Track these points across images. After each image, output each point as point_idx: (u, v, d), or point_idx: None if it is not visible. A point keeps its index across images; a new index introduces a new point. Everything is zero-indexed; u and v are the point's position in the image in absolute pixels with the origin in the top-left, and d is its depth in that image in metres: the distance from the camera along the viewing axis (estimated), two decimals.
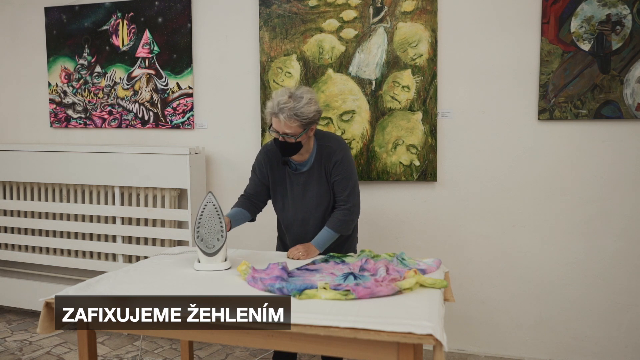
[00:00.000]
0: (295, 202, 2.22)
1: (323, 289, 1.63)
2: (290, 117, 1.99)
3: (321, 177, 2.18)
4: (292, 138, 2.04)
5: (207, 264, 1.96)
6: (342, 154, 2.17)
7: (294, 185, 2.21)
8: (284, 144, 2.07)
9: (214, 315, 1.51)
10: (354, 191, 2.19)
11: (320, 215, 2.21)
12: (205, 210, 1.95)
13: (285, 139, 2.05)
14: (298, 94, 2.02)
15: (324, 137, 2.21)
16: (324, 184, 2.18)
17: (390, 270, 1.82)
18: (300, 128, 2.03)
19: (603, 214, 2.67)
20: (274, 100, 2.02)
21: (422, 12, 2.77)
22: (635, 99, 2.55)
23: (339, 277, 1.77)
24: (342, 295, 1.60)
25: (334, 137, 2.25)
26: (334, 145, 2.18)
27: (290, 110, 1.98)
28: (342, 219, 2.17)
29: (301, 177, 2.20)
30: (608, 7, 2.55)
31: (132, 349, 3.00)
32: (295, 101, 1.99)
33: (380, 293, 1.61)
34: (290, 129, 2.01)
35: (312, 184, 2.19)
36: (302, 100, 2.00)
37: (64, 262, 3.36)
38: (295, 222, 2.25)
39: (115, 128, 3.44)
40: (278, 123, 2.02)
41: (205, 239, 1.95)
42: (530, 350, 2.82)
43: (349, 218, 2.19)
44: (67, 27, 3.46)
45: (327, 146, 2.17)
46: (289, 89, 2.05)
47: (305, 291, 1.63)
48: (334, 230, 2.17)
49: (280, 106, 1.99)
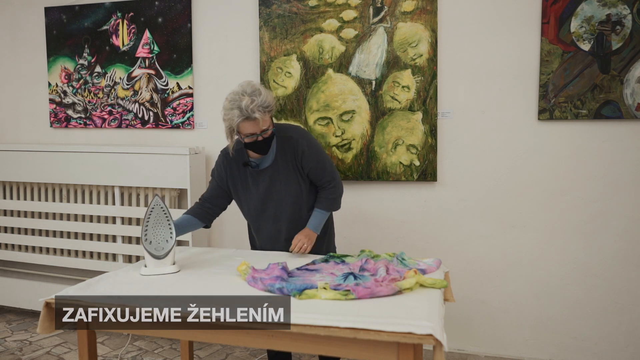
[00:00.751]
0: (262, 200, 2.19)
1: (323, 289, 1.63)
2: (264, 112, 2.00)
3: (288, 170, 2.17)
4: (268, 131, 2.06)
5: (155, 268, 1.92)
6: (305, 141, 2.17)
7: (259, 183, 2.18)
8: (263, 142, 2.07)
9: (214, 315, 1.51)
10: (332, 169, 2.24)
11: (290, 209, 2.19)
12: (153, 213, 1.93)
13: (263, 135, 2.05)
14: (251, 90, 2.00)
15: (281, 128, 2.20)
16: (292, 176, 2.17)
17: (390, 270, 1.82)
18: (270, 118, 2.07)
19: (603, 214, 2.67)
20: (237, 107, 1.98)
21: (422, 12, 2.77)
22: (635, 99, 2.55)
23: (339, 277, 1.77)
24: (342, 295, 1.60)
25: (291, 127, 2.26)
26: (294, 135, 2.17)
27: (260, 106, 1.98)
28: (330, 197, 2.21)
29: (265, 173, 2.17)
30: (608, 7, 2.55)
31: (132, 349, 3.00)
32: (257, 96, 1.99)
33: (380, 293, 1.61)
34: (266, 123, 2.03)
35: (278, 178, 2.17)
36: (261, 93, 2.00)
37: (64, 262, 3.36)
38: (266, 222, 2.22)
39: (115, 128, 3.44)
40: (254, 125, 2.00)
41: (153, 242, 1.93)
42: (530, 350, 2.82)
43: (336, 194, 2.23)
44: (67, 27, 3.46)
45: (288, 137, 2.16)
46: (239, 91, 2.02)
47: (305, 291, 1.63)
48: (325, 210, 2.21)
49: (250, 107, 1.97)
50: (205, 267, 2.01)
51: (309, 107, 2.97)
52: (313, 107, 2.96)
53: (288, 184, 2.17)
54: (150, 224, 1.93)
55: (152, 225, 1.93)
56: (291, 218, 2.20)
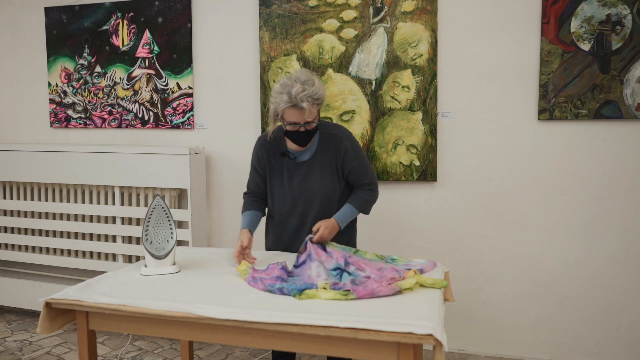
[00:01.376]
0: (293, 194, 2.13)
1: (323, 289, 1.63)
2: (312, 104, 1.93)
3: (325, 166, 2.10)
4: (312, 124, 1.99)
5: (155, 268, 1.92)
6: (349, 141, 2.12)
7: (294, 176, 2.12)
8: (304, 134, 2.00)
9: (214, 315, 1.51)
10: (373, 174, 2.19)
11: (319, 208, 2.13)
12: (154, 213, 1.93)
13: (306, 127, 1.98)
14: (305, 79, 1.95)
15: (325, 125, 2.15)
16: (328, 173, 2.11)
17: (389, 270, 1.82)
18: (317, 111, 2.01)
19: (603, 214, 2.67)
20: (287, 93, 1.92)
21: (422, 12, 2.77)
22: (636, 99, 2.55)
23: (334, 274, 1.78)
24: (342, 295, 1.60)
25: (335, 125, 2.20)
26: (339, 133, 2.12)
27: (310, 96, 1.91)
28: (366, 199, 2.15)
29: (303, 166, 2.11)
30: (608, 7, 2.55)
31: (132, 349, 3.00)
32: (309, 86, 1.92)
33: (381, 293, 1.61)
34: (312, 115, 1.96)
35: (314, 173, 2.10)
36: (315, 83, 1.95)
37: (64, 262, 3.36)
38: (292, 217, 2.17)
39: (115, 128, 3.44)
40: (299, 114, 1.94)
41: (154, 242, 1.93)
42: (530, 350, 2.82)
43: (372, 198, 2.17)
44: (67, 27, 3.46)
45: (332, 134, 2.11)
46: (293, 77, 1.97)
47: (305, 291, 1.63)
48: (357, 209, 2.13)
49: (299, 95, 1.90)
50: (205, 267, 2.01)
51: None
52: None
53: (322, 182, 2.11)
54: (151, 224, 1.93)
55: (153, 225, 1.93)
56: (318, 217, 2.12)
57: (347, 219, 2.11)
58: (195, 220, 3.07)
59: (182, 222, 3.14)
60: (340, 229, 2.09)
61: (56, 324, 1.73)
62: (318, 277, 1.79)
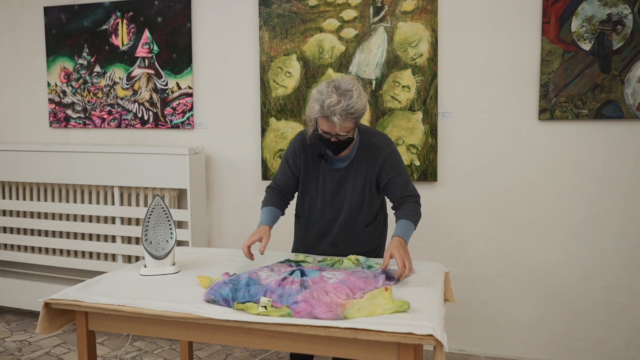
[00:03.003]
0: (325, 199, 2.06)
1: (263, 307, 1.48)
2: (345, 118, 1.80)
3: (360, 175, 2.01)
4: (345, 136, 1.88)
5: (155, 268, 1.91)
6: (389, 149, 2.01)
7: (328, 181, 2.04)
8: (336, 144, 1.90)
9: (214, 315, 1.50)
10: (413, 186, 2.04)
11: (345, 217, 2.05)
12: (154, 213, 1.92)
13: (339, 138, 1.88)
14: (344, 88, 1.81)
15: (367, 132, 2.04)
16: (362, 181, 2.01)
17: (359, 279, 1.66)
18: (354, 124, 1.88)
19: (603, 214, 2.67)
20: (321, 101, 1.81)
21: (423, 11, 2.76)
22: (636, 99, 2.55)
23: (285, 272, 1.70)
24: (277, 312, 1.47)
25: (378, 133, 2.08)
26: (379, 142, 2.01)
27: (344, 110, 1.79)
28: (417, 212, 1.97)
29: (338, 173, 2.02)
30: (609, 6, 2.54)
31: (132, 349, 3.00)
32: (345, 99, 1.79)
33: (320, 316, 1.45)
34: (345, 129, 1.84)
35: (348, 181, 2.02)
36: (352, 96, 1.80)
37: (63, 262, 3.35)
38: (319, 221, 2.10)
39: (115, 128, 3.44)
40: (331, 126, 1.83)
41: (153, 242, 1.92)
42: (530, 351, 2.82)
43: (420, 210, 2.00)
44: (67, 27, 3.46)
45: (372, 143, 2.00)
46: (332, 84, 1.84)
47: (246, 303, 1.52)
48: (414, 224, 1.93)
49: (331, 108, 1.78)
50: (205, 267, 2.00)
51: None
52: None
53: (354, 192, 2.03)
54: (151, 224, 1.92)
55: (153, 225, 1.92)
56: (344, 225, 2.06)
57: (408, 233, 1.91)
58: (195, 220, 3.07)
59: (182, 222, 3.14)
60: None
61: (55, 325, 1.72)
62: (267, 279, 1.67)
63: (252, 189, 3.17)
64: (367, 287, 1.63)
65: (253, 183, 3.17)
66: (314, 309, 1.46)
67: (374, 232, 2.14)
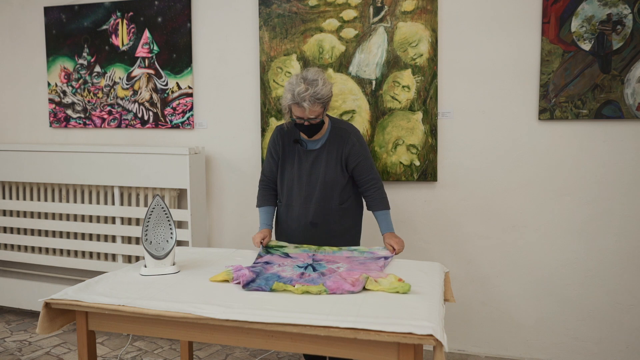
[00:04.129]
0: (301, 179, 2.30)
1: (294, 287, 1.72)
2: (314, 103, 2.10)
3: (332, 155, 2.27)
4: (317, 119, 2.17)
5: (155, 268, 1.92)
6: (357, 136, 2.31)
7: (303, 162, 2.30)
8: (310, 127, 2.20)
9: (214, 315, 1.51)
10: (377, 171, 2.37)
11: (322, 193, 2.28)
12: (154, 213, 1.93)
13: (311, 122, 2.17)
14: (311, 78, 2.13)
15: (338, 121, 2.36)
16: (334, 161, 2.27)
17: (358, 264, 1.95)
18: (322, 108, 2.16)
19: (603, 214, 2.67)
20: (292, 91, 2.11)
21: (423, 11, 2.76)
22: (636, 99, 2.55)
23: (297, 267, 1.91)
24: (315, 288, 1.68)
25: (347, 123, 2.39)
26: (348, 128, 2.31)
27: (312, 96, 2.09)
28: (384, 196, 2.34)
29: (312, 153, 2.30)
30: (609, 6, 2.54)
31: (132, 349, 3.00)
32: (312, 86, 2.10)
33: (349, 289, 1.68)
34: (315, 113, 2.13)
35: (321, 162, 2.28)
36: (318, 84, 2.11)
37: (63, 262, 3.35)
38: (297, 200, 2.32)
39: (115, 128, 3.44)
40: (302, 111, 2.12)
41: (153, 242, 1.93)
42: (531, 351, 2.82)
43: (385, 193, 2.35)
44: (67, 27, 3.46)
45: (342, 128, 2.30)
46: (300, 76, 2.16)
47: (276, 283, 1.73)
48: (386, 208, 2.32)
49: (301, 95, 2.09)
50: (205, 267, 2.01)
51: None
52: None
53: (327, 170, 2.27)
54: (151, 224, 1.92)
55: (153, 225, 1.93)
56: (320, 202, 2.28)
57: (390, 222, 2.32)
58: (194, 220, 3.07)
59: (182, 222, 3.14)
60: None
61: (56, 324, 1.73)
62: (283, 272, 1.87)
63: (252, 189, 3.17)
64: (370, 267, 1.92)
65: (253, 183, 3.17)
66: (343, 285, 1.69)
67: (348, 209, 2.36)
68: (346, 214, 2.34)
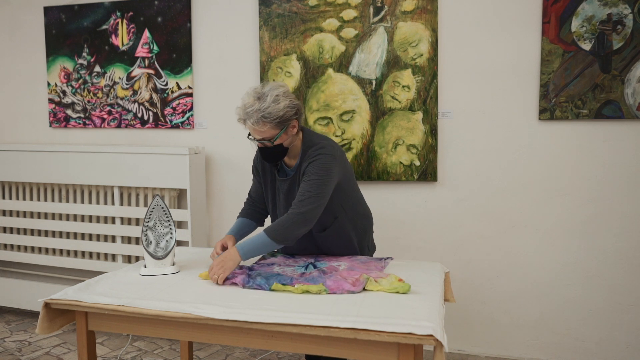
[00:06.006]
0: (280, 209, 2.03)
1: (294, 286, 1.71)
2: (258, 121, 1.79)
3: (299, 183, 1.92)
4: (269, 142, 1.84)
5: (155, 268, 1.92)
6: (317, 155, 1.87)
7: (280, 192, 2.01)
8: (264, 150, 1.89)
9: (214, 315, 1.50)
10: (315, 199, 1.82)
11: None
12: (154, 213, 1.93)
13: (264, 144, 1.86)
14: (262, 92, 1.81)
15: (312, 142, 1.93)
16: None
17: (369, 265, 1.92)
18: (273, 130, 1.81)
19: (603, 214, 2.67)
20: (242, 104, 1.82)
21: (423, 11, 2.76)
22: (637, 99, 2.55)
23: (299, 267, 1.88)
24: (315, 288, 1.67)
25: (322, 140, 1.95)
26: (312, 152, 1.89)
27: (257, 112, 1.78)
28: (285, 223, 1.81)
29: (286, 183, 1.98)
30: (609, 6, 2.54)
31: (132, 350, 3.00)
32: (259, 102, 1.78)
33: (348, 288, 1.67)
34: (262, 134, 1.82)
35: (294, 190, 1.94)
36: (266, 99, 1.78)
37: (63, 262, 3.35)
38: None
39: (115, 128, 3.44)
40: (251, 129, 1.83)
41: (153, 242, 1.93)
42: (531, 351, 2.82)
43: (291, 224, 1.81)
44: (67, 27, 3.46)
45: (311, 146, 1.92)
46: (256, 88, 1.84)
47: (275, 284, 1.71)
48: (268, 237, 1.80)
49: (246, 110, 1.79)
50: (205, 267, 2.00)
51: (309, 107, 2.97)
52: (313, 107, 2.96)
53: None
54: (151, 224, 1.92)
55: (153, 225, 1.92)
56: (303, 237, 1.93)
57: (252, 250, 1.81)
58: (194, 220, 3.07)
59: (182, 222, 3.14)
60: (241, 260, 1.80)
61: (55, 325, 1.72)
62: (284, 272, 1.84)
63: None
64: (370, 267, 1.89)
65: None
66: (343, 285, 1.67)
67: (329, 237, 2.01)
68: (327, 240, 2.02)
